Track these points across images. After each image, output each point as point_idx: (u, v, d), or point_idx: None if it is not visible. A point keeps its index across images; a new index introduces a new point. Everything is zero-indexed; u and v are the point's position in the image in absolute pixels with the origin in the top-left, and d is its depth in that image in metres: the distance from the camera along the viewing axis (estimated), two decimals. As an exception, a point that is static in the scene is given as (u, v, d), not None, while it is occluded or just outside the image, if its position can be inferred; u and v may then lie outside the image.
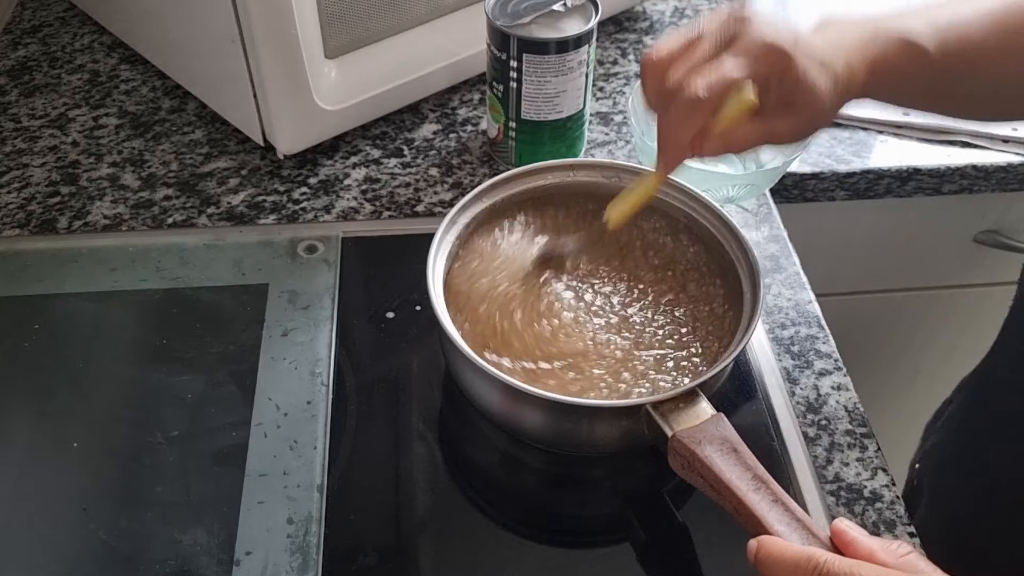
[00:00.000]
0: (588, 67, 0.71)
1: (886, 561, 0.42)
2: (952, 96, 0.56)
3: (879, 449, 0.60)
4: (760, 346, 0.65)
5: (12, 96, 0.85)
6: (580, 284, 0.62)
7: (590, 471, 0.59)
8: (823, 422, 0.61)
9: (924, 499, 0.76)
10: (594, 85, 0.86)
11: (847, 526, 0.44)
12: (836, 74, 0.50)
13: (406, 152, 0.79)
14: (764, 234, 0.74)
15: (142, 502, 0.56)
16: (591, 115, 0.82)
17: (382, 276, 0.69)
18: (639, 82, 0.74)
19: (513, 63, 0.68)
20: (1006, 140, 0.82)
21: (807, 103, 0.50)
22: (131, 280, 0.68)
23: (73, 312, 0.67)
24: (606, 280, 0.63)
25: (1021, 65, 0.53)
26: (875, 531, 0.56)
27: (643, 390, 0.56)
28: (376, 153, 0.79)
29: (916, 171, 0.81)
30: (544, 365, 0.57)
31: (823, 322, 0.67)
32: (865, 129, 0.84)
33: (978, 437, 0.72)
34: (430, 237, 0.59)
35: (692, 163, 0.75)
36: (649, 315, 0.60)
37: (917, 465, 0.79)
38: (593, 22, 0.68)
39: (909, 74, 0.53)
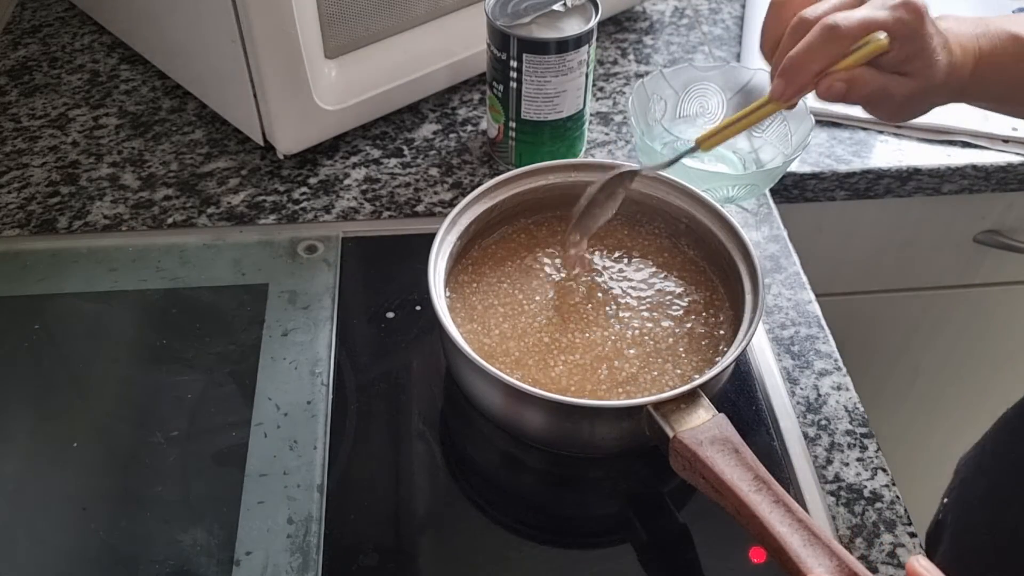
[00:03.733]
0: (588, 67, 0.71)
1: None
2: None
3: (879, 449, 0.60)
4: (760, 346, 0.65)
5: (12, 96, 0.85)
6: (581, 287, 0.62)
7: (591, 471, 0.59)
8: (823, 422, 0.61)
9: (947, 535, 0.75)
10: (594, 85, 0.86)
11: (924, 568, 0.42)
12: (951, 54, 0.53)
13: (406, 152, 0.79)
14: (764, 234, 0.74)
15: (142, 502, 0.56)
16: (591, 115, 0.82)
17: (382, 276, 0.69)
18: (640, 82, 0.75)
19: (513, 63, 0.68)
20: (1006, 140, 0.82)
21: (924, 70, 0.53)
22: (131, 280, 0.68)
23: (73, 312, 0.67)
24: (606, 283, 0.63)
25: None
26: (875, 531, 0.56)
27: (644, 391, 0.56)
28: (376, 153, 0.79)
29: (916, 171, 0.81)
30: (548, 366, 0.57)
31: (823, 322, 0.67)
32: (865, 129, 0.84)
33: (1010, 478, 0.71)
34: (430, 237, 0.59)
35: (691, 163, 0.75)
36: (649, 316, 0.60)
37: (945, 500, 0.78)
38: (593, 22, 0.68)
39: (1013, 70, 0.56)
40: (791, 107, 0.56)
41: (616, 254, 0.65)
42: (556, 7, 0.69)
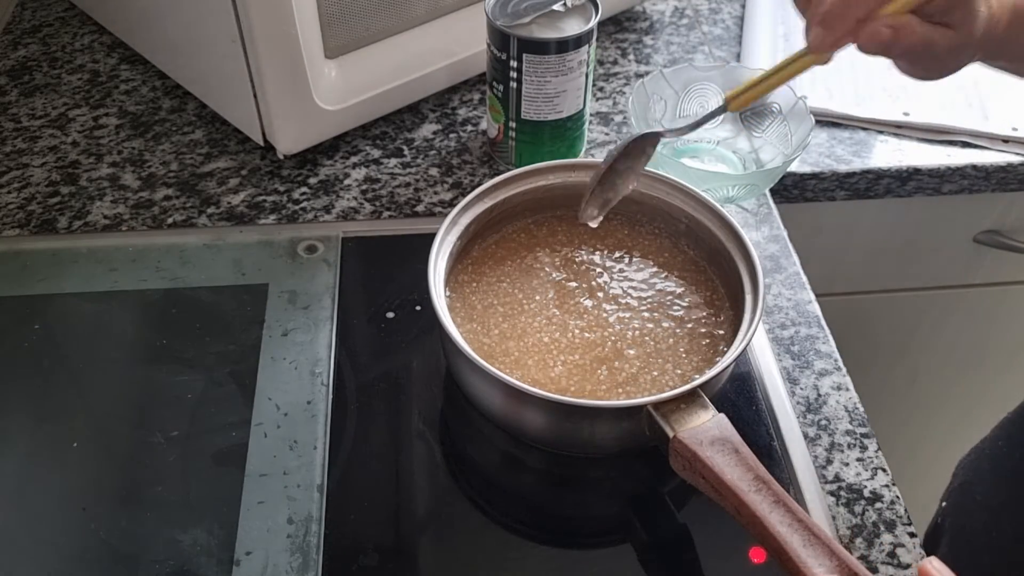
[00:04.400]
0: (588, 67, 0.71)
1: None
2: None
3: (879, 449, 0.60)
4: (760, 346, 0.65)
5: (12, 96, 0.85)
6: (581, 286, 0.62)
7: (591, 471, 0.59)
8: (823, 422, 0.61)
9: (945, 539, 0.75)
10: (594, 85, 0.86)
11: (935, 571, 0.41)
12: (990, 6, 0.52)
13: (406, 152, 0.79)
14: (764, 234, 0.74)
15: (142, 502, 0.56)
16: (591, 115, 0.82)
17: (382, 276, 0.69)
18: (640, 82, 0.75)
19: (513, 63, 0.68)
20: (1006, 140, 0.82)
21: (966, 21, 0.51)
22: (131, 280, 0.68)
23: (73, 312, 0.67)
24: (606, 283, 0.63)
25: None
26: (875, 531, 0.56)
27: (644, 391, 0.56)
28: (376, 153, 0.79)
29: (916, 171, 0.81)
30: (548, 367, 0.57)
31: (823, 322, 0.67)
32: (865, 129, 0.84)
33: (1009, 483, 0.71)
34: (430, 237, 0.59)
35: (691, 163, 0.75)
36: (649, 316, 0.60)
37: (944, 503, 0.78)
38: (593, 22, 0.68)
39: None
40: (826, 61, 0.53)
41: (616, 254, 0.65)
42: (556, 7, 0.69)
